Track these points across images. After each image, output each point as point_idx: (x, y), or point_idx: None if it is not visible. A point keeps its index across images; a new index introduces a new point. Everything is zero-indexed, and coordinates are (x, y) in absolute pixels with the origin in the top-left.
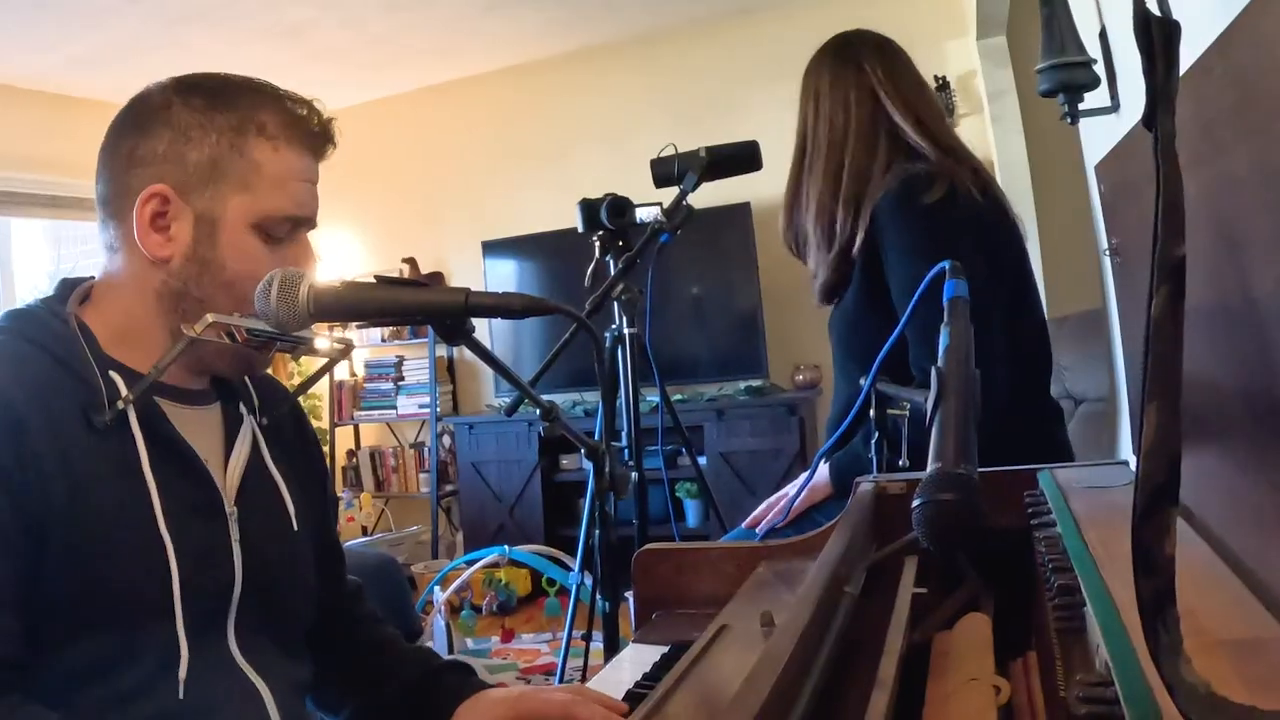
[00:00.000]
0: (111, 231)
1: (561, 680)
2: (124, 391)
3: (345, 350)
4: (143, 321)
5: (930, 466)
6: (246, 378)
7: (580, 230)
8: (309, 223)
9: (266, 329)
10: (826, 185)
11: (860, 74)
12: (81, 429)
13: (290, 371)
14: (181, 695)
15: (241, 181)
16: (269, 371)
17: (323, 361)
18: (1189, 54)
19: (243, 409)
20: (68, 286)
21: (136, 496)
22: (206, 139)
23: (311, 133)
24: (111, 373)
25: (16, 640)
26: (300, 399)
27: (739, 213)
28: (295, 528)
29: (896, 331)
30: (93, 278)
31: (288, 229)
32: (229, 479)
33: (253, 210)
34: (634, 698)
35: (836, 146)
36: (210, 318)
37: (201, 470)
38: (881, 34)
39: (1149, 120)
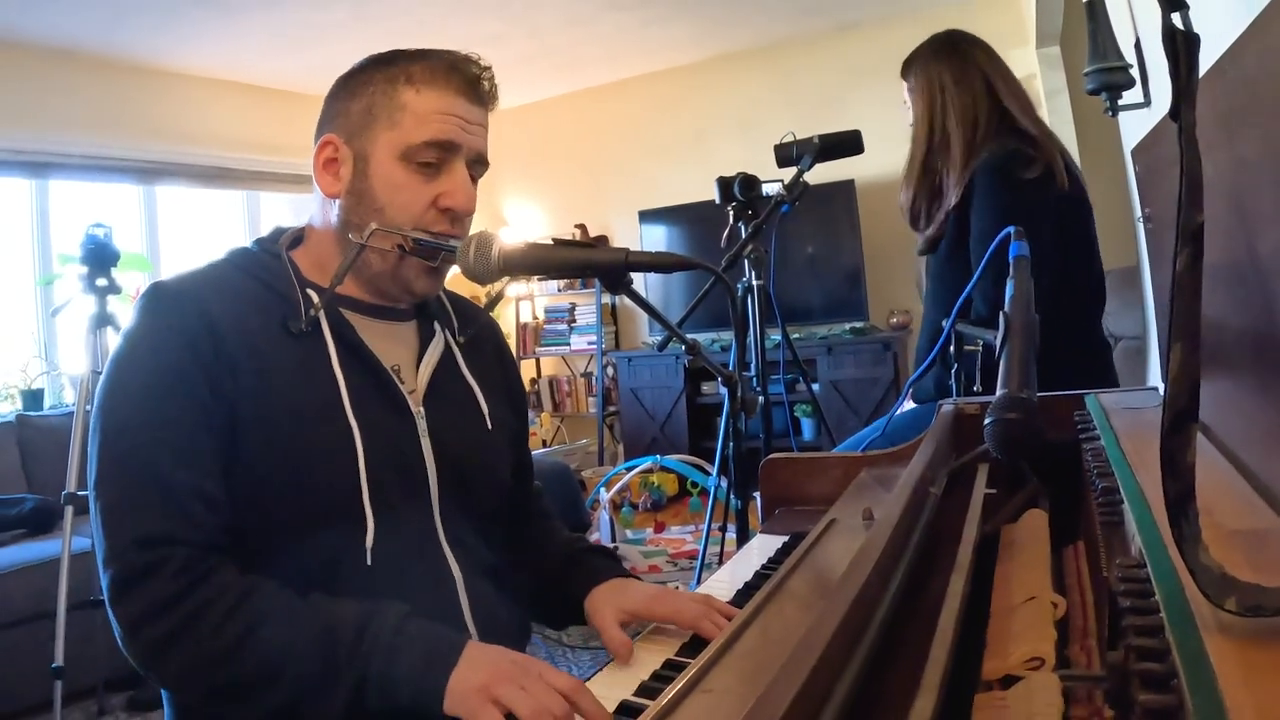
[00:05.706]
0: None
1: (702, 563)
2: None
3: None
4: (330, 251)
5: (999, 391)
6: (449, 304)
7: (717, 202)
8: (457, 150)
9: (429, 239)
10: (956, 159)
11: (978, 69)
12: (280, 335)
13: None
14: (369, 562)
15: (389, 121)
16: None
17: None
18: (1207, 59)
19: (437, 325)
20: (279, 231)
21: (328, 389)
22: (365, 91)
23: (460, 76)
24: (309, 290)
25: (226, 509)
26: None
27: (845, 188)
28: (489, 427)
29: (973, 281)
30: (305, 227)
31: (434, 155)
32: (419, 382)
33: (398, 143)
34: (761, 577)
35: (968, 127)
36: (374, 225)
37: (383, 371)
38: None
39: (1175, 113)
